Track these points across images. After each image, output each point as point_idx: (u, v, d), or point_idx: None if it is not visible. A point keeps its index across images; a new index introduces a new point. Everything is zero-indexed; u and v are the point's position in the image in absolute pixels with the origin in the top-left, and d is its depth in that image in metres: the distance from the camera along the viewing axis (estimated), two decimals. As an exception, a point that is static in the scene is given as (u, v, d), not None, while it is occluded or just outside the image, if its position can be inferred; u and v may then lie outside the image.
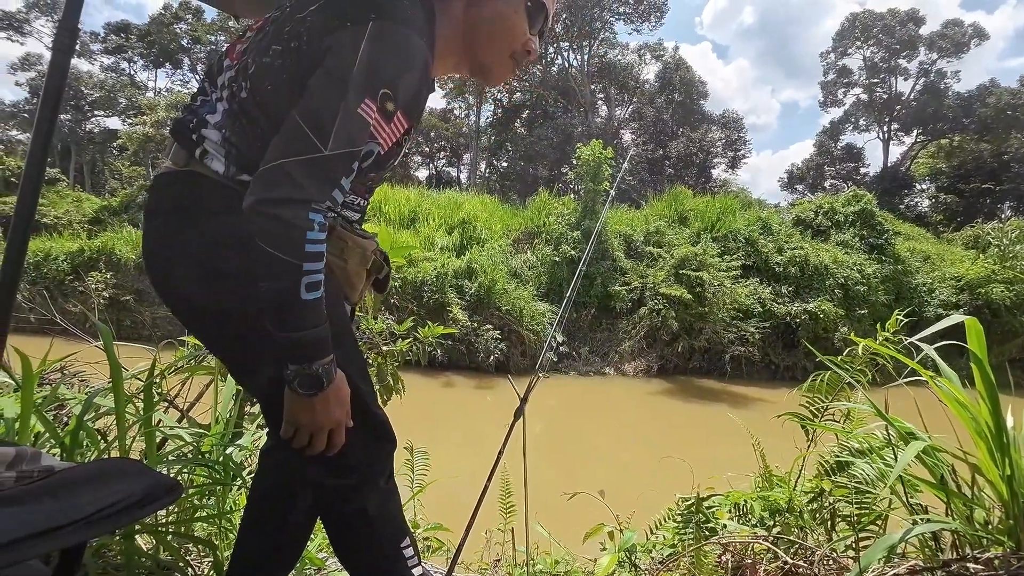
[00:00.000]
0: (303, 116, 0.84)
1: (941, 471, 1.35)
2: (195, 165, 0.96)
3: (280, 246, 0.81)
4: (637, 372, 12.52)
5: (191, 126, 0.98)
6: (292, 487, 1.10)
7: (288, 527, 1.11)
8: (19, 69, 33.04)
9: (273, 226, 0.81)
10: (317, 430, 0.90)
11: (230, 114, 0.96)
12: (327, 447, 0.92)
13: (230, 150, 0.95)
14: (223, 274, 0.93)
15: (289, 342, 0.85)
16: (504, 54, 1.06)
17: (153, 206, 1.00)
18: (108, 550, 1.35)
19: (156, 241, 0.99)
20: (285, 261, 0.81)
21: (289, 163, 0.82)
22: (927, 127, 32.15)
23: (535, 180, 27.24)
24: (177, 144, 0.98)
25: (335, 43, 0.86)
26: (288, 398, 0.89)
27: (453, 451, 6.67)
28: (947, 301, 14.00)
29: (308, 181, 0.83)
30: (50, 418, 1.66)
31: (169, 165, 0.99)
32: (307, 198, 0.83)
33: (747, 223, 15.15)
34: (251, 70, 0.94)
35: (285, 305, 0.83)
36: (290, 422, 0.90)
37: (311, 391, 0.87)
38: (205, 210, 0.95)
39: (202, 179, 0.95)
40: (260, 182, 0.83)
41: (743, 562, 1.52)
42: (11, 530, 0.62)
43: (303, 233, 0.82)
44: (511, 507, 2.01)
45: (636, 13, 30.35)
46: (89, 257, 13.42)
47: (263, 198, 0.82)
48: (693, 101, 32.41)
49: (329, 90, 0.85)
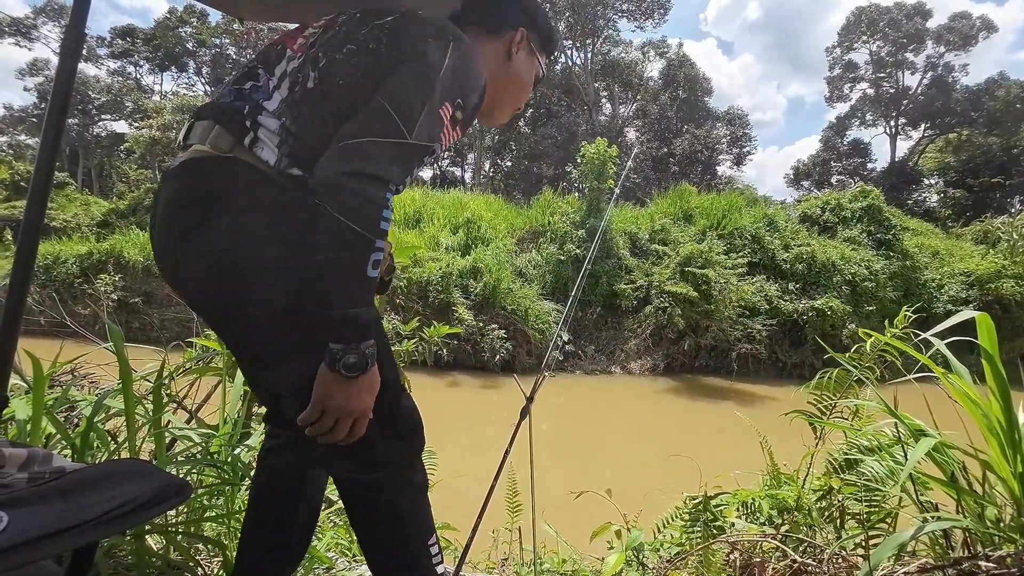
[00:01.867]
0: (392, 104, 0.89)
1: (952, 468, 1.34)
2: (240, 152, 0.93)
3: (358, 219, 0.83)
4: (643, 371, 12.48)
5: (244, 111, 0.94)
6: (296, 487, 1.10)
7: (293, 526, 1.12)
8: (27, 74, 33.38)
9: (355, 199, 0.83)
10: (346, 415, 0.89)
11: (291, 103, 0.95)
12: (348, 436, 0.91)
13: (286, 140, 0.93)
14: (260, 267, 0.91)
15: (345, 319, 0.85)
16: (513, 106, 1.22)
17: (182, 191, 0.95)
18: (119, 550, 1.36)
19: (185, 229, 0.93)
20: (361, 235, 0.84)
21: (379, 142, 0.87)
22: (935, 121, 31.85)
23: (539, 179, 27.22)
24: (220, 127, 0.94)
25: (423, 50, 0.94)
26: (325, 380, 0.87)
27: (459, 450, 6.68)
28: (956, 297, 13.86)
29: (392, 163, 0.87)
30: (61, 419, 1.68)
31: (204, 149, 0.94)
32: (390, 178, 0.87)
33: (753, 220, 15.06)
34: (322, 63, 0.96)
35: (351, 279, 0.85)
36: (319, 405, 0.88)
37: (354, 373, 0.86)
38: (247, 200, 0.92)
39: (247, 168, 0.92)
40: (344, 154, 0.85)
41: (751, 561, 1.52)
42: (24, 531, 0.63)
43: (380, 210, 0.85)
44: (518, 506, 2.01)
45: (639, 10, 30.20)
46: (98, 260, 13.52)
47: (352, 171, 0.84)
48: (697, 98, 32.27)
49: (419, 86, 0.91)
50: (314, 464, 1.13)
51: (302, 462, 1.11)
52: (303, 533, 1.16)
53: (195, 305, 1.03)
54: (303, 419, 0.89)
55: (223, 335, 1.07)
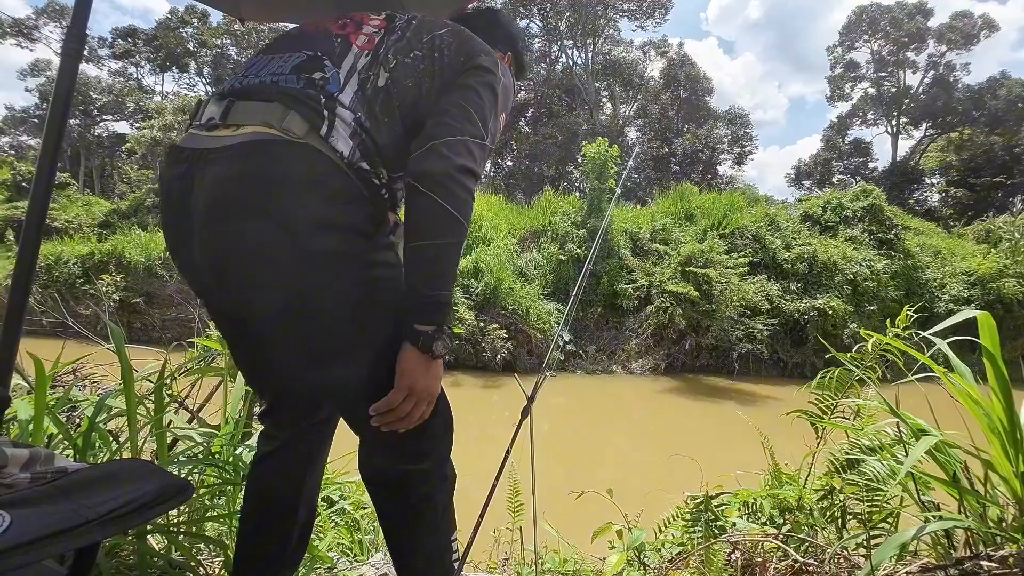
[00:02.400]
0: (474, 109, 0.98)
1: (953, 468, 1.33)
2: (315, 140, 0.90)
3: (461, 209, 0.91)
4: (644, 370, 12.47)
5: (321, 101, 0.92)
6: (294, 488, 1.10)
7: (292, 527, 1.12)
8: (29, 75, 33.41)
9: (461, 191, 0.91)
10: (429, 396, 0.94)
11: (363, 99, 0.96)
12: (416, 419, 0.94)
13: (358, 133, 0.94)
14: (331, 258, 0.89)
15: (438, 301, 0.91)
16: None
17: (243, 173, 0.88)
18: (121, 550, 1.36)
19: (238, 211, 0.88)
20: (460, 223, 0.91)
21: (472, 142, 0.95)
22: (936, 121, 31.77)
23: (540, 179, 27.20)
24: (295, 112, 0.90)
25: (484, 63, 1.03)
26: (415, 362, 0.91)
27: (461, 450, 6.65)
28: (958, 296, 13.83)
29: (480, 160, 0.97)
30: (63, 420, 1.68)
31: (270, 131, 0.89)
32: (479, 173, 0.96)
33: (754, 220, 15.04)
34: (392, 64, 1.00)
35: (447, 263, 0.92)
36: (409, 387, 0.91)
37: (443, 353, 0.92)
38: (321, 189, 0.89)
39: (320, 156, 0.90)
40: (454, 150, 0.92)
41: (753, 560, 1.51)
42: (27, 531, 0.63)
43: (472, 202, 0.94)
44: (519, 506, 2.01)
45: (640, 10, 30.19)
46: (100, 260, 13.55)
47: (462, 165, 0.92)
48: (698, 97, 32.23)
49: (488, 96, 1.02)
50: (314, 460, 1.13)
51: (308, 456, 1.12)
52: (302, 533, 1.16)
53: (228, 296, 0.97)
54: (383, 405, 0.91)
55: (270, 331, 0.96)
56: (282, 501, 1.11)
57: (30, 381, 1.63)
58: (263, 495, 1.11)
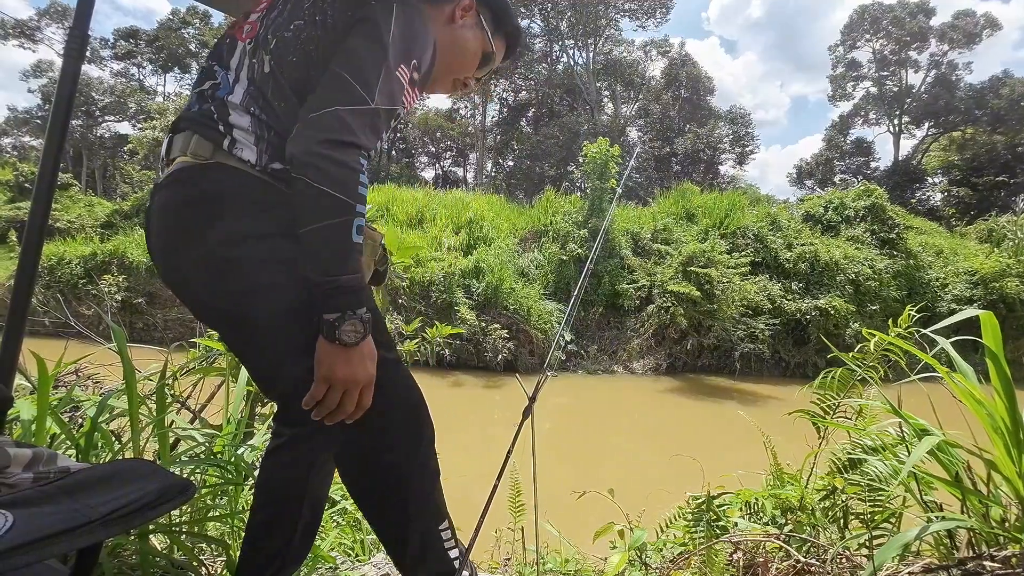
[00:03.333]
0: (349, 72, 0.89)
1: (956, 468, 1.33)
2: (222, 157, 0.94)
3: (337, 186, 0.85)
4: (646, 370, 12.47)
5: (214, 116, 0.95)
6: (300, 486, 1.10)
7: (296, 525, 1.12)
8: (31, 76, 33.54)
9: (332, 167, 0.85)
10: (353, 385, 0.90)
11: (253, 92, 0.95)
12: (356, 408, 0.92)
13: (261, 134, 0.94)
14: (259, 264, 0.92)
15: (336, 286, 0.86)
16: (451, 75, 1.17)
17: (171, 201, 0.96)
18: (123, 549, 1.37)
19: (179, 237, 0.95)
20: (342, 201, 0.85)
21: (343, 111, 0.87)
22: (939, 120, 31.71)
23: (541, 179, 27.20)
24: (199, 136, 0.95)
25: (369, 14, 0.94)
26: (326, 352, 0.88)
27: (462, 450, 6.68)
28: (961, 296, 13.81)
29: (360, 129, 0.88)
30: (65, 420, 1.69)
31: (187, 160, 0.95)
32: (360, 144, 0.88)
33: (756, 219, 15.03)
34: (272, 44, 0.96)
35: (337, 247, 0.86)
36: (325, 378, 0.89)
37: (354, 340, 0.87)
38: (235, 203, 0.93)
39: (233, 172, 0.94)
40: (315, 126, 0.86)
41: (755, 561, 1.51)
42: (29, 530, 0.63)
43: (357, 175, 0.87)
44: (521, 506, 2.01)
45: (641, 9, 30.18)
46: (102, 261, 13.59)
47: (325, 139, 0.85)
48: (700, 97, 32.21)
49: (371, 51, 0.92)
50: (319, 458, 1.12)
51: (312, 453, 1.11)
52: (306, 532, 1.16)
53: (200, 311, 1.03)
54: (308, 399, 0.90)
55: (231, 341, 1.06)
56: (286, 497, 1.10)
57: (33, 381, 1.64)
58: (267, 490, 1.11)
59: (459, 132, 34.71)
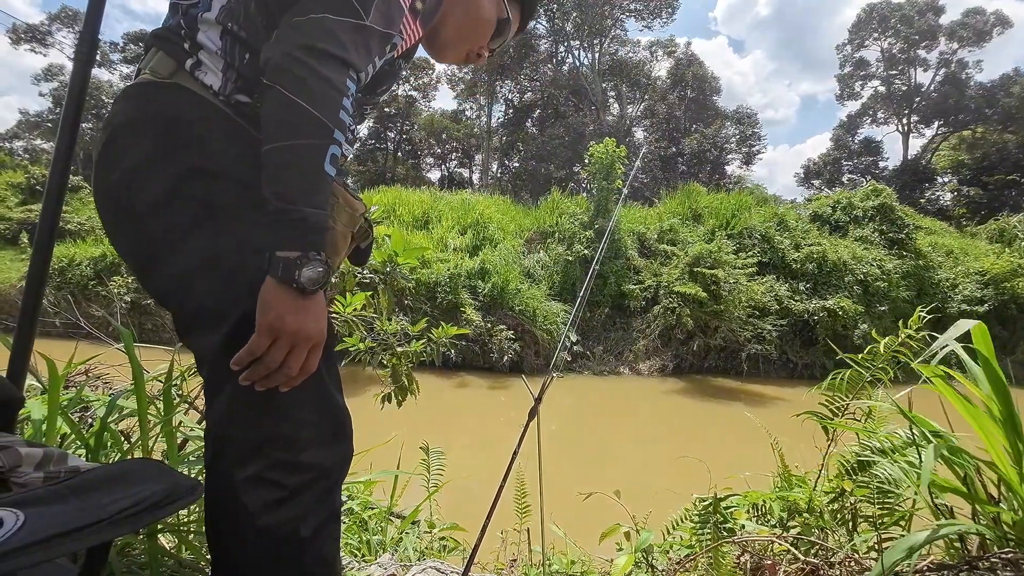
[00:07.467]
0: None
1: (966, 471, 1.32)
2: (182, 78, 0.84)
3: (315, 102, 0.73)
4: (652, 371, 12.43)
5: (181, 33, 0.85)
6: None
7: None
8: (42, 80, 33.91)
9: (312, 78, 0.73)
10: (303, 341, 0.74)
11: (233, 5, 0.85)
12: (300, 372, 0.76)
13: (231, 61, 0.84)
14: (203, 205, 0.80)
15: (300, 216, 0.73)
16: (465, 45, 1.06)
17: (121, 120, 0.85)
18: (132, 549, 1.38)
19: (123, 159, 0.83)
20: (319, 120, 0.73)
21: (333, 20, 0.76)
22: (948, 119, 31.41)
23: (547, 179, 27.18)
24: (162, 52, 0.85)
25: None
26: (277, 297, 0.72)
27: (468, 451, 6.69)
28: (971, 296, 13.66)
29: (351, 44, 0.77)
30: (75, 420, 1.70)
31: (147, 76, 0.86)
32: (349, 60, 0.77)
33: (763, 219, 14.95)
34: None
35: (307, 171, 0.73)
36: (271, 328, 0.72)
37: (316, 287, 0.73)
38: (189, 132, 0.82)
39: (191, 96, 0.84)
40: (299, 31, 0.75)
41: (762, 563, 1.50)
42: (40, 529, 0.64)
43: (341, 96, 0.75)
44: (526, 507, 2.00)
45: (647, 10, 30.13)
46: (111, 262, 13.71)
47: (306, 44, 0.74)
48: (706, 97, 32.11)
49: None
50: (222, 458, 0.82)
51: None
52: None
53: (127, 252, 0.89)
54: (244, 354, 0.73)
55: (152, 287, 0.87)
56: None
57: (43, 382, 1.66)
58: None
59: (465, 133, 34.79)
